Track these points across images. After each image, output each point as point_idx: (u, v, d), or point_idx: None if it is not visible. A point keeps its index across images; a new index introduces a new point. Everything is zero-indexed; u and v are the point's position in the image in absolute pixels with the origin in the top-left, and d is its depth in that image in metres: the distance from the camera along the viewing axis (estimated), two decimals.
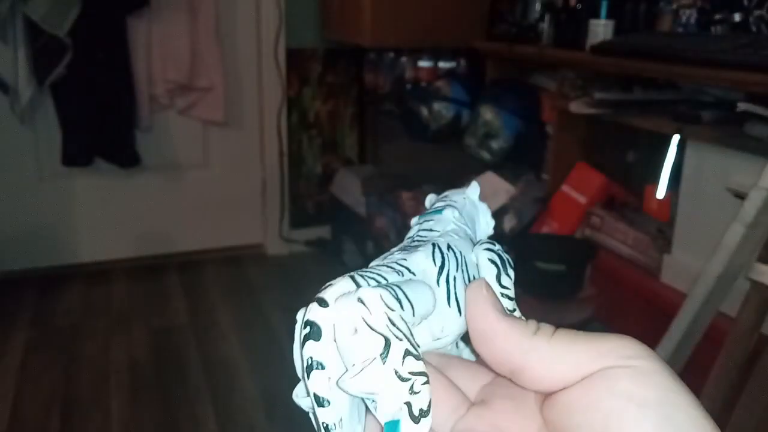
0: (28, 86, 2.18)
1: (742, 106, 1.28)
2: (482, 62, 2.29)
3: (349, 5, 2.27)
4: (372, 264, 0.25)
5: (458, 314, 0.24)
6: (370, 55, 2.57)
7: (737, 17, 1.46)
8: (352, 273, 0.22)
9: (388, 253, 0.26)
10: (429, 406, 0.21)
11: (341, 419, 0.21)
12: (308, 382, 0.21)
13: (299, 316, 0.22)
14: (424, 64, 2.39)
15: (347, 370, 0.21)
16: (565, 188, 1.85)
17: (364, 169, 2.66)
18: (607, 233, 1.68)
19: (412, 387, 0.21)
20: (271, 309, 2.32)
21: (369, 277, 0.22)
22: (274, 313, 2.29)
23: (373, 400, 0.21)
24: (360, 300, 0.21)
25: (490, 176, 1.98)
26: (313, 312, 0.21)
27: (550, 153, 1.95)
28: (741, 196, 1.18)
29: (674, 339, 1.03)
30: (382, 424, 0.21)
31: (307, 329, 0.21)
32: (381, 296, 0.21)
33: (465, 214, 0.29)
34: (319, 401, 0.21)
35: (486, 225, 0.31)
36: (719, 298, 1.03)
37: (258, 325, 2.22)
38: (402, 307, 0.21)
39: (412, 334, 0.21)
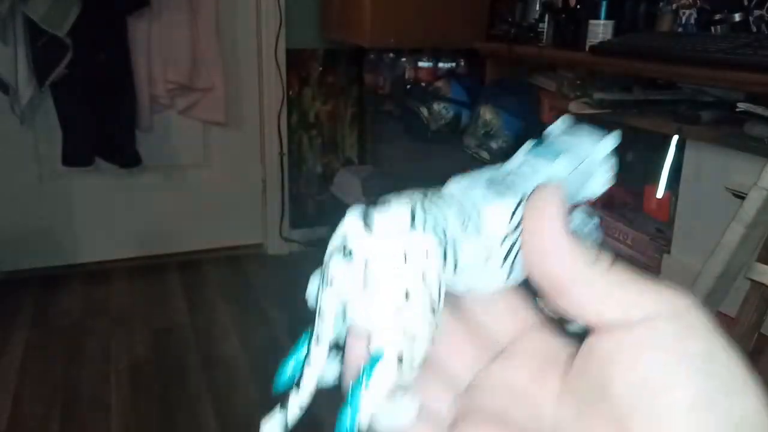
0: (28, 86, 2.18)
1: (742, 106, 1.28)
2: (482, 62, 2.29)
3: (349, 5, 2.27)
4: (450, 187, 0.23)
5: (505, 279, 0.23)
6: (370, 55, 2.57)
7: (737, 17, 1.47)
8: (414, 200, 0.21)
9: (477, 175, 0.24)
10: (413, 369, 0.20)
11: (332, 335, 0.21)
12: (321, 293, 0.21)
13: (345, 222, 0.20)
14: (424, 64, 2.39)
15: (359, 299, 0.20)
16: None
17: (364, 169, 2.66)
18: (606, 233, 1.68)
19: (412, 344, 0.20)
20: (271, 309, 2.32)
21: (429, 217, 0.21)
22: (274, 313, 2.29)
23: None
24: (408, 243, 0.20)
25: None
26: (354, 234, 0.20)
27: None
28: (740, 196, 1.18)
29: None
30: (368, 354, 0.20)
31: (339, 241, 0.20)
32: (428, 252, 0.20)
33: (581, 169, 0.26)
34: (320, 313, 0.21)
35: (597, 186, 0.26)
36: (719, 298, 1.03)
37: (258, 325, 2.22)
38: (445, 265, 0.20)
39: (440, 295, 0.20)
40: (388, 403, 0.20)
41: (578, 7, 1.80)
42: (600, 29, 1.68)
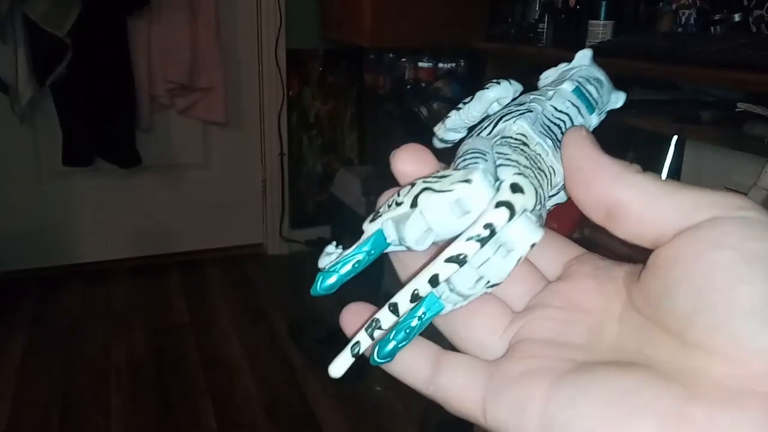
0: (28, 86, 2.18)
1: (742, 106, 1.28)
2: (482, 62, 2.29)
3: (349, 5, 2.27)
4: (513, 128, 0.23)
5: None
6: (370, 55, 2.57)
7: (737, 17, 1.47)
8: (521, 171, 0.21)
9: (533, 118, 0.24)
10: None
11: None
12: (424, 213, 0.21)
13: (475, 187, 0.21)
14: (424, 64, 2.38)
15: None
16: None
17: (364, 169, 2.66)
18: (606, 233, 1.68)
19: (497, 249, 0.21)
20: (271, 309, 2.32)
21: (531, 181, 0.22)
22: (274, 313, 2.29)
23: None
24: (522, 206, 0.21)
25: None
26: (480, 197, 0.20)
27: None
28: None
29: None
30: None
31: (451, 194, 0.21)
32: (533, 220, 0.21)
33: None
34: (404, 242, 0.21)
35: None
36: None
37: (258, 325, 2.22)
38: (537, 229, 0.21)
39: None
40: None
41: (578, 7, 1.80)
42: (600, 29, 1.68)
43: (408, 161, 0.23)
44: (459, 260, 0.20)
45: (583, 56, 0.28)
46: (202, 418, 1.73)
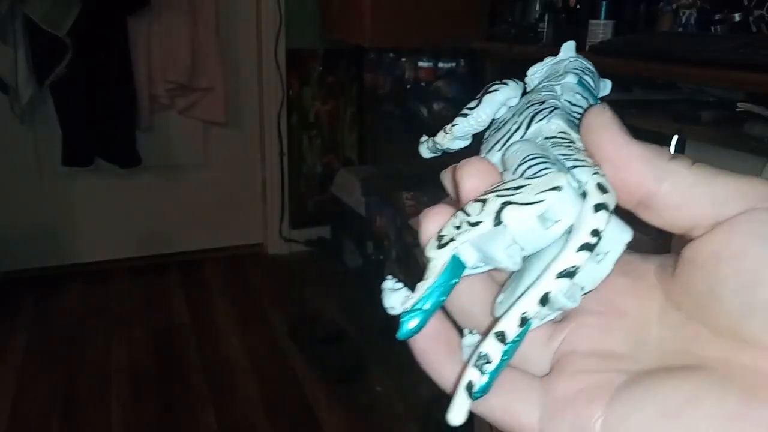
0: (28, 86, 2.18)
1: (742, 106, 1.28)
2: (482, 62, 2.29)
3: (349, 5, 2.27)
4: (549, 127, 0.23)
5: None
6: (370, 55, 2.57)
7: (737, 17, 1.46)
8: (597, 170, 0.20)
9: (555, 115, 0.23)
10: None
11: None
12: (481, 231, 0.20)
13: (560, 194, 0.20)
14: (424, 64, 2.38)
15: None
16: None
17: (364, 169, 2.66)
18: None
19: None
20: (271, 309, 2.32)
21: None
22: (274, 313, 2.29)
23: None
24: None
25: None
26: (569, 205, 0.20)
27: None
28: None
29: None
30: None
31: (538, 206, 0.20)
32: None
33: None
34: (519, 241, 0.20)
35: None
36: None
37: (258, 325, 2.22)
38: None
39: None
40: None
41: (578, 7, 1.80)
42: (600, 29, 1.68)
43: (475, 177, 0.22)
44: (571, 273, 0.19)
45: (569, 48, 0.28)
46: (202, 418, 1.73)
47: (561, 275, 0.19)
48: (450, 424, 0.19)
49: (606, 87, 0.28)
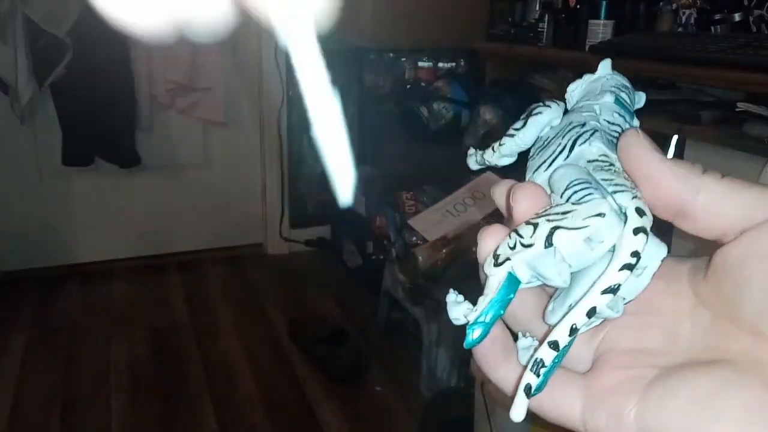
0: (28, 86, 2.18)
1: (741, 106, 1.28)
2: (482, 62, 2.29)
3: (349, 5, 2.27)
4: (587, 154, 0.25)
5: None
6: (370, 55, 2.57)
7: (737, 17, 1.46)
8: (636, 194, 0.22)
9: (594, 136, 0.25)
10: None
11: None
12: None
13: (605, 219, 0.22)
14: (424, 64, 2.38)
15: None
16: None
17: (364, 169, 2.66)
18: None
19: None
20: (271, 309, 2.32)
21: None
22: (274, 313, 2.29)
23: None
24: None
25: (490, 176, 1.98)
26: (612, 227, 0.22)
27: None
28: None
29: None
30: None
31: (585, 229, 0.22)
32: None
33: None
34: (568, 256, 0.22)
35: None
36: None
37: (258, 325, 2.22)
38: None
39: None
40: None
41: (578, 7, 1.80)
42: (600, 29, 1.68)
43: (526, 200, 0.24)
44: (614, 290, 0.21)
45: (606, 65, 0.30)
46: (202, 418, 1.73)
47: (606, 291, 0.21)
48: (512, 420, 0.22)
49: (641, 99, 0.30)
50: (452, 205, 1.95)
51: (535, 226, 0.23)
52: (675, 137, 1.49)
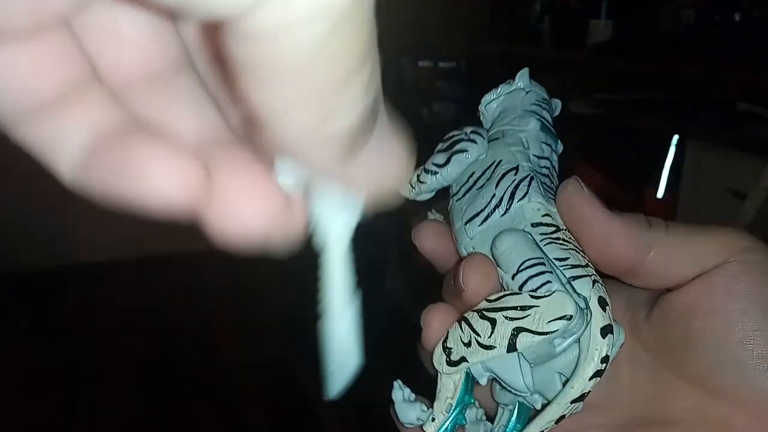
0: None
1: (742, 106, 1.28)
2: (482, 62, 2.29)
3: None
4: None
5: None
6: None
7: (737, 17, 1.47)
8: (595, 278, 0.22)
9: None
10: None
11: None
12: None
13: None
14: (424, 64, 2.39)
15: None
16: None
17: None
18: None
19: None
20: (271, 309, 2.32)
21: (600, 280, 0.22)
22: (274, 314, 2.29)
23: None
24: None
25: None
26: (578, 328, 0.21)
27: None
28: (741, 196, 1.18)
29: None
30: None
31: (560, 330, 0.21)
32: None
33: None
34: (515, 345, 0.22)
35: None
36: None
37: (259, 325, 2.22)
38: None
39: None
40: None
41: (578, 7, 1.80)
42: (600, 29, 1.68)
43: (478, 281, 0.23)
44: (583, 397, 0.20)
45: (524, 76, 0.29)
46: (202, 419, 1.74)
47: (576, 401, 0.20)
48: None
49: (557, 107, 0.29)
50: None
51: (493, 323, 0.21)
52: (675, 137, 1.49)
